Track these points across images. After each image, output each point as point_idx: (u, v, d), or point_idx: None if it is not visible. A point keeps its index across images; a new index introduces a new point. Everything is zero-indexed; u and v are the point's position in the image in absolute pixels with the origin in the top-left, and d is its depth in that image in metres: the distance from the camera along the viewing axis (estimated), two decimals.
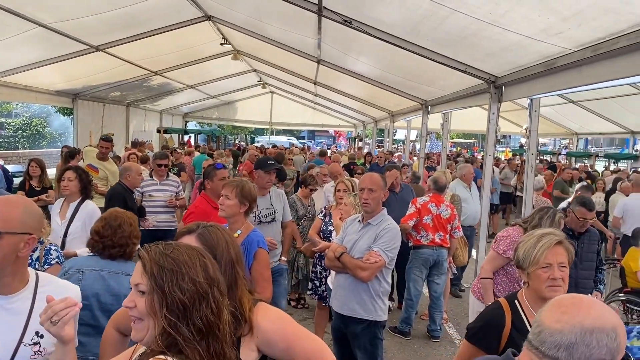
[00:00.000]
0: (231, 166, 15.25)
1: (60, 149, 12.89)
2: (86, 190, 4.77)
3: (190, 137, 25.96)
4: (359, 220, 3.95)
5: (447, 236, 6.22)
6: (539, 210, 4.40)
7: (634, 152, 16.79)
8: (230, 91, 21.81)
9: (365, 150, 19.51)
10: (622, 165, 18.30)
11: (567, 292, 4.32)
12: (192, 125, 30.36)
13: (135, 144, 14.58)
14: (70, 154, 9.49)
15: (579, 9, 4.65)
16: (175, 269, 1.42)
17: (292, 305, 7.02)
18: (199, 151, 16.90)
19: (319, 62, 12.33)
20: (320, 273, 5.42)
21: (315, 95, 19.84)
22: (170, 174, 7.38)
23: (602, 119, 14.72)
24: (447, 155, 18.65)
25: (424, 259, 6.15)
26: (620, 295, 6.22)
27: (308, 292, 5.87)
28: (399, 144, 31.03)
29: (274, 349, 1.81)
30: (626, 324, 6.10)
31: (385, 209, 3.96)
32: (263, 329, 1.80)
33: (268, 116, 25.58)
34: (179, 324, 1.36)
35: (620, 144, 32.74)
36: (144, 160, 10.50)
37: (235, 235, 3.53)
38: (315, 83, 16.38)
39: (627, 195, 9.15)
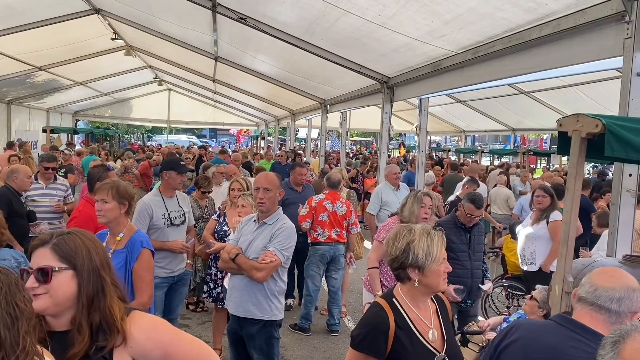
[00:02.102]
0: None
1: None
2: None
3: (83, 136, 24.43)
4: (255, 220, 3.92)
5: (344, 232, 6.36)
6: (406, 196, 4.85)
7: (515, 148, 18.19)
8: (124, 88, 20.80)
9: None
10: (505, 159, 19.78)
11: (463, 283, 4.61)
12: (83, 124, 28.61)
13: (11, 144, 13.40)
14: None
15: (459, 13, 4.94)
16: None
17: (191, 309, 6.84)
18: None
19: (216, 59, 12.12)
20: (216, 275, 5.32)
21: (215, 93, 19.49)
22: (57, 176, 6.91)
23: (486, 117, 15.80)
24: (347, 152, 19.10)
25: (322, 255, 6.26)
26: (502, 281, 6.71)
27: (203, 296, 5.75)
28: (301, 143, 31.31)
29: (150, 358, 1.74)
30: (507, 307, 6.60)
31: (280, 208, 3.96)
32: (137, 338, 1.72)
33: (166, 114, 24.72)
34: None
35: (504, 141, 35.36)
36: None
37: (118, 238, 3.37)
38: (214, 81, 16.09)
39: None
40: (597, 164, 17.13)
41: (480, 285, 4.92)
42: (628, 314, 1.98)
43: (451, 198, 8.39)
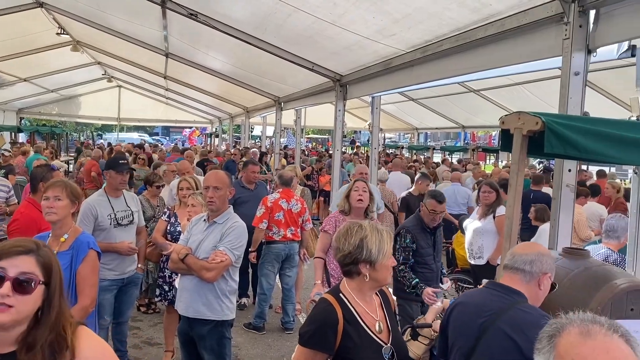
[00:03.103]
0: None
1: None
2: None
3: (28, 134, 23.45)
4: (205, 220, 3.86)
5: (299, 230, 6.36)
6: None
7: (464, 145, 18.66)
8: (71, 85, 20.11)
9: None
10: (456, 156, 20.24)
11: (431, 285, 4.68)
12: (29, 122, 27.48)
13: None
14: None
15: (408, 12, 5.01)
16: None
17: (142, 311, 6.69)
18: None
19: (167, 55, 11.88)
20: (170, 277, 5.22)
21: (166, 90, 19.12)
22: None
23: (438, 115, 16.13)
24: (302, 150, 19.10)
25: (276, 254, 6.24)
26: (452, 274, 6.87)
27: (157, 299, 5.63)
28: (257, 140, 31.12)
29: None
30: None
31: (231, 207, 3.92)
32: (84, 357, 1.66)
33: (116, 112, 24.05)
34: None
35: (455, 137, 36.19)
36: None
37: (62, 239, 3.27)
38: (165, 77, 15.78)
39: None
40: (542, 160, 17.75)
41: (440, 284, 4.98)
42: (540, 273, 2.46)
43: (403, 194, 8.50)
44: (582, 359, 1.14)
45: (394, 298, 2.76)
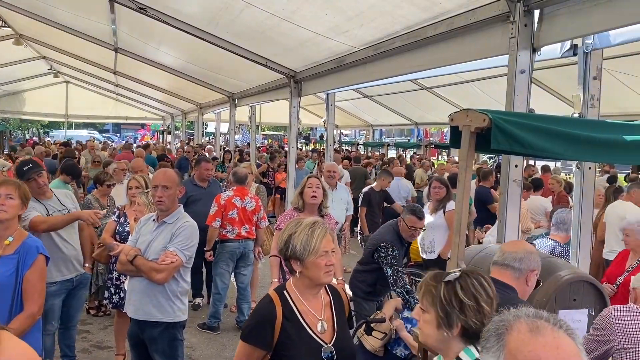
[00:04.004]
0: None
1: None
2: None
3: None
4: (154, 220, 3.76)
5: (253, 228, 6.30)
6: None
7: (418, 142, 18.97)
8: (14, 80, 19.22)
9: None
10: (410, 153, 20.55)
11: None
12: None
13: None
14: None
15: (360, 10, 5.03)
16: None
17: (92, 313, 6.49)
18: None
19: (116, 50, 11.54)
20: (117, 279, 5.06)
21: (116, 85, 18.58)
22: None
23: (392, 112, 16.31)
24: (258, 147, 18.95)
25: (231, 253, 6.16)
26: (405, 269, 6.96)
27: (104, 301, 5.47)
28: (210, 137, 30.69)
29: None
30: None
31: (181, 206, 3.83)
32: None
33: (63, 108, 23.17)
34: None
35: (409, 134, 36.74)
36: None
37: (7, 242, 3.12)
38: (115, 73, 15.33)
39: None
40: (492, 156, 18.25)
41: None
42: (528, 270, 2.62)
43: (365, 189, 8.54)
44: (534, 357, 1.15)
45: (348, 298, 2.72)
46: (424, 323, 1.95)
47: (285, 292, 2.45)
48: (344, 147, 23.81)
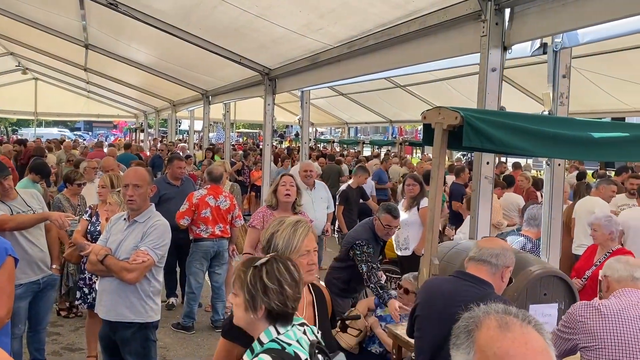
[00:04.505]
0: None
1: None
2: None
3: None
4: (125, 219, 3.70)
5: (228, 226, 6.25)
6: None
7: (392, 139, 19.09)
8: None
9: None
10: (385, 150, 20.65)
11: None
12: None
13: None
14: None
15: (333, 7, 5.03)
16: None
17: (63, 315, 6.36)
18: None
19: (87, 47, 11.32)
20: (90, 279, 4.97)
21: (87, 82, 18.24)
22: None
23: (367, 109, 16.39)
24: (232, 145, 18.82)
25: (205, 252, 6.10)
26: (380, 265, 7.00)
27: (77, 302, 5.36)
28: (184, 135, 30.37)
29: None
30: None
31: (153, 204, 3.77)
32: None
33: (32, 106, 22.64)
34: None
35: (384, 132, 36.98)
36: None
37: None
38: (86, 70, 15.04)
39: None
40: (465, 153, 18.47)
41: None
42: (503, 267, 2.67)
43: (343, 187, 8.54)
44: (504, 352, 1.16)
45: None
46: (235, 306, 2.07)
47: None
48: (319, 145, 23.82)
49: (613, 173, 10.71)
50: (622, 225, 5.18)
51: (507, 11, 3.77)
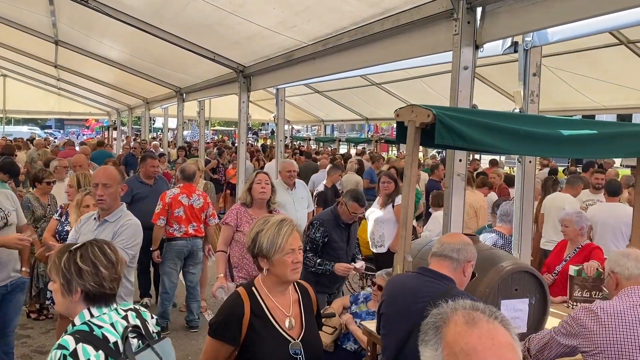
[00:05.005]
0: None
1: None
2: None
3: None
4: (95, 218, 3.63)
5: (202, 225, 6.19)
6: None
7: (368, 137, 19.17)
8: None
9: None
10: (360, 147, 20.71)
11: (338, 277, 4.76)
12: None
13: None
14: None
15: (307, 5, 5.01)
16: None
17: (33, 317, 6.22)
18: None
19: (57, 43, 11.08)
20: None
21: (58, 80, 17.86)
22: None
23: (343, 107, 16.41)
24: (208, 143, 18.65)
25: (178, 251, 6.03)
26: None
27: (47, 302, 5.25)
28: (158, 133, 29.99)
29: None
30: (362, 288, 6.93)
31: (124, 203, 3.71)
32: None
33: (1, 103, 22.09)
34: None
35: (360, 129, 37.10)
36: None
37: None
38: (56, 67, 14.73)
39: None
40: (440, 150, 18.64)
41: (352, 263, 5.03)
42: (464, 261, 2.68)
43: (320, 188, 8.53)
44: (470, 348, 1.16)
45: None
46: (54, 293, 2.11)
47: (253, 288, 2.46)
48: (295, 143, 23.77)
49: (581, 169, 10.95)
50: (590, 220, 5.29)
51: (479, 10, 3.81)
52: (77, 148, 13.09)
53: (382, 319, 2.93)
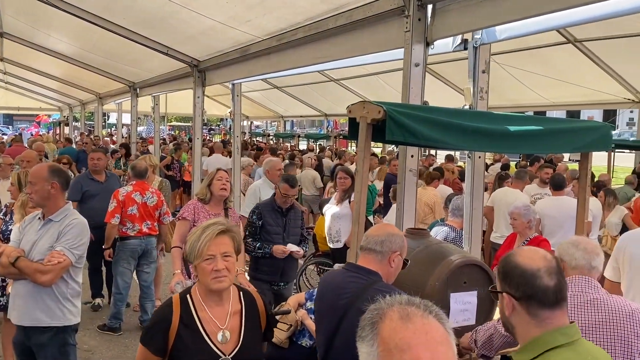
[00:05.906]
0: None
1: None
2: None
3: None
4: (39, 218, 3.50)
5: (155, 224, 6.06)
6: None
7: (327, 133, 19.21)
8: None
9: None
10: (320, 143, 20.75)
11: (276, 264, 4.77)
12: None
13: None
14: None
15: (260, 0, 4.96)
16: None
17: None
18: None
19: (1, 35, 10.63)
20: (3, 281, 4.68)
21: (5, 73, 17.15)
22: None
23: (302, 103, 16.38)
24: (163, 139, 18.28)
25: (132, 250, 5.89)
26: (314, 258, 7.04)
27: None
28: (112, 128, 29.22)
29: None
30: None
31: (69, 202, 3.59)
32: None
33: None
34: None
35: (319, 125, 37.15)
36: None
37: None
38: (2, 60, 14.14)
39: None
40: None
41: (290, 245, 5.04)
42: (390, 252, 2.63)
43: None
44: (405, 344, 1.16)
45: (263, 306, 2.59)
46: None
47: (188, 296, 2.35)
48: (254, 139, 23.58)
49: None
50: (539, 214, 5.44)
51: (430, 7, 3.85)
52: (25, 144, 12.57)
53: (315, 315, 2.95)
